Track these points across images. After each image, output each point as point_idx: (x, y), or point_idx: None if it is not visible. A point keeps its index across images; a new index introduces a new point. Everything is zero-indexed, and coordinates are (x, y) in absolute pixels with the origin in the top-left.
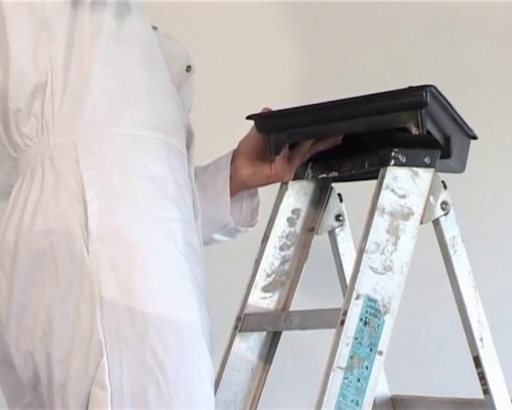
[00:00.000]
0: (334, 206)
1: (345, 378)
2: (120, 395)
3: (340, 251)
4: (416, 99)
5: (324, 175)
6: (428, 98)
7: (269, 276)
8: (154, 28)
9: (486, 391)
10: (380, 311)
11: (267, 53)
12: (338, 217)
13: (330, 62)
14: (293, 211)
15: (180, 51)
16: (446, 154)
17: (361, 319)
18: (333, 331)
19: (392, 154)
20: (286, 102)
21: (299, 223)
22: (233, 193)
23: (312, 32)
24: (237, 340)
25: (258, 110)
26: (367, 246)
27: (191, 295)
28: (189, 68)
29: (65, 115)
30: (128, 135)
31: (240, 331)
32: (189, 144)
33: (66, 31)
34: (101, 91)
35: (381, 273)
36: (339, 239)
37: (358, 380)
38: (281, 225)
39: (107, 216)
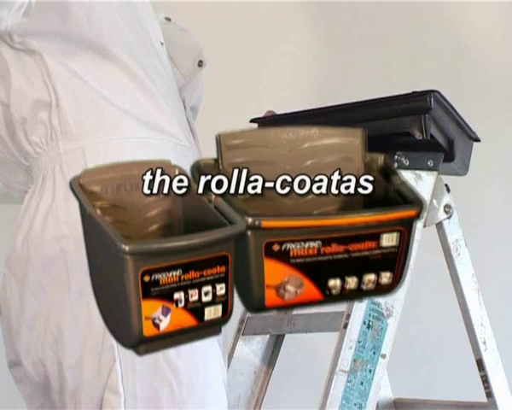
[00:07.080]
0: None
1: (348, 382)
2: (134, 400)
3: None
4: (420, 104)
5: None
6: (432, 103)
7: None
8: (168, 20)
9: (489, 394)
10: (383, 314)
11: (273, 55)
12: None
13: (336, 66)
14: None
15: (193, 45)
16: (450, 157)
17: (364, 323)
18: (336, 335)
19: (395, 157)
20: (292, 105)
21: None
22: None
23: (320, 36)
24: (240, 343)
25: (262, 113)
26: None
27: None
28: (200, 63)
29: (72, 122)
30: (136, 138)
31: (243, 334)
32: None
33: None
34: (107, 96)
35: None
36: None
37: (362, 383)
38: None
39: None
